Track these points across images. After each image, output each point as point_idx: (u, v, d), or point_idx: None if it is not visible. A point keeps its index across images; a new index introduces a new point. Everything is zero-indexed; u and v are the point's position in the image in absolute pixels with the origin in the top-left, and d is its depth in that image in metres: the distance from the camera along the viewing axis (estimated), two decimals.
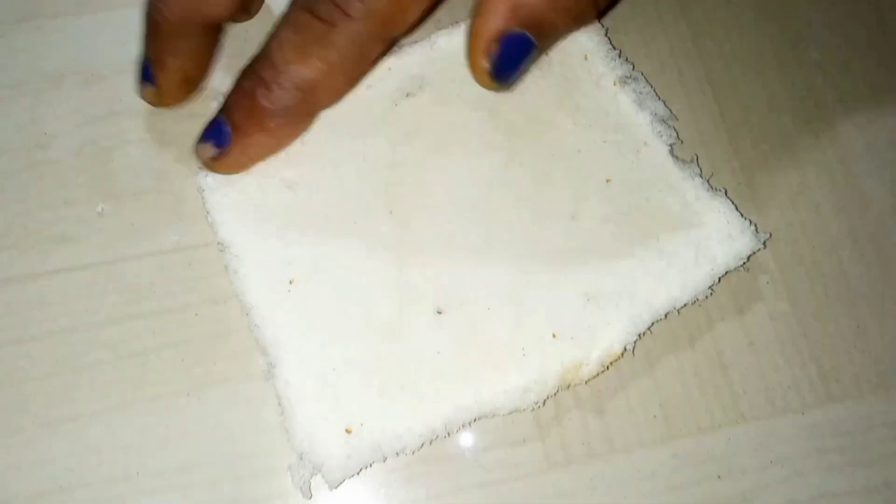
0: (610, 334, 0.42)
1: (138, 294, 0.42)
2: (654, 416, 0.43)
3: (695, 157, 0.46)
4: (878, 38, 0.51)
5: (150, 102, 0.43)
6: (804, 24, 0.51)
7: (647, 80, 0.47)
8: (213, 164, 0.41)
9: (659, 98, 0.47)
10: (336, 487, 0.39)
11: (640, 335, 0.43)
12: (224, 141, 0.40)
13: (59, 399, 0.40)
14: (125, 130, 0.44)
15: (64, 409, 0.40)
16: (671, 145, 0.46)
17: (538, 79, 0.47)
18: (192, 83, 0.43)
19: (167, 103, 0.43)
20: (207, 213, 0.42)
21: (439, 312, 0.42)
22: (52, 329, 0.41)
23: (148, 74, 0.41)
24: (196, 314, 0.42)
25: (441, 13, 0.49)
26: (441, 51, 0.47)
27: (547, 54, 0.47)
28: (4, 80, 0.44)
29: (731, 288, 0.46)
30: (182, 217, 0.43)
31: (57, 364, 0.40)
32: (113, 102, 0.45)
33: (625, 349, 0.42)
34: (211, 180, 0.43)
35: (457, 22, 0.47)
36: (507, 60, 0.41)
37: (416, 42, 0.46)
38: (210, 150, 0.40)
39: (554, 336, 0.42)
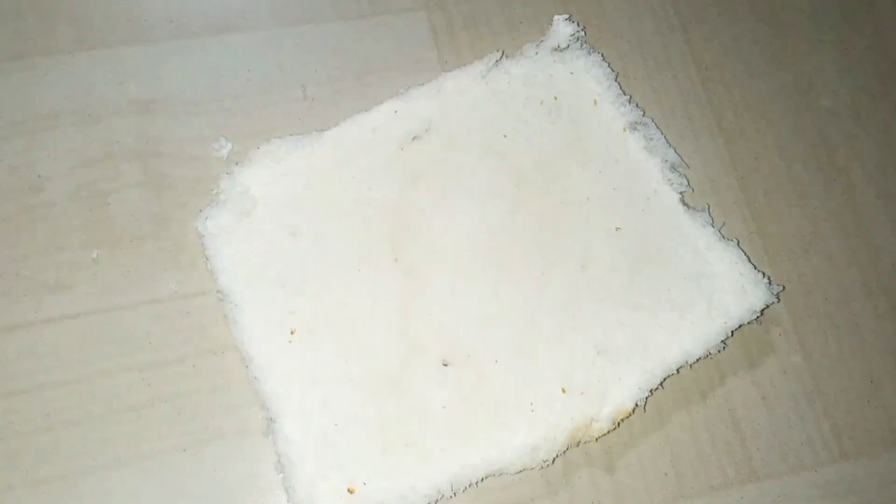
0: (621, 390, 0.42)
1: (134, 344, 0.41)
2: (666, 474, 0.42)
3: (706, 207, 0.46)
4: (892, 86, 0.51)
5: None
6: (816, 72, 0.51)
7: (657, 127, 0.46)
8: None
9: (669, 145, 0.46)
10: None
11: (651, 391, 0.42)
12: None
13: (49, 455, 0.38)
14: (122, 174, 0.43)
15: (55, 466, 0.38)
16: (682, 193, 0.45)
17: (547, 124, 0.46)
18: None
19: None
20: (207, 259, 0.41)
21: (445, 365, 0.41)
22: (44, 381, 0.39)
23: None
24: (193, 366, 0.41)
25: (448, 55, 0.48)
26: (448, 93, 0.46)
27: (556, 98, 0.46)
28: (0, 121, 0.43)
29: (744, 340, 0.45)
30: (180, 264, 0.42)
31: (48, 418, 0.39)
32: (110, 144, 0.43)
33: (636, 405, 0.41)
34: (211, 225, 0.41)
35: (464, 64, 0.46)
36: None
37: (422, 84, 0.45)
38: None
39: (563, 391, 0.41)
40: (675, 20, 0.50)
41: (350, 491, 0.39)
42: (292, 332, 0.41)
